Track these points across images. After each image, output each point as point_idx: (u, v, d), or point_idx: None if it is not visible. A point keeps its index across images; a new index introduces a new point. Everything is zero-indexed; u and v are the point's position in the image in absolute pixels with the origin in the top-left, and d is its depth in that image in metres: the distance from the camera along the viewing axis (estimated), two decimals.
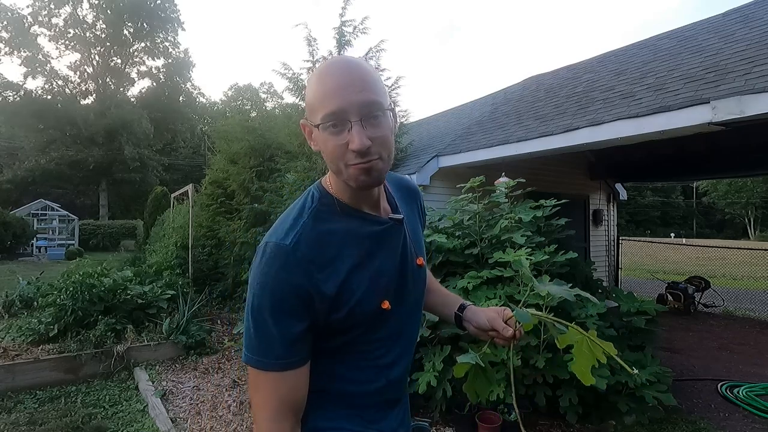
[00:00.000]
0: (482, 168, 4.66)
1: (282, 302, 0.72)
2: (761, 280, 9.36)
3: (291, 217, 0.80)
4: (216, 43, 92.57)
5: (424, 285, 0.96)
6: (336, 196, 0.82)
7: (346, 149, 0.72)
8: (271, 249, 0.75)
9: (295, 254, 0.74)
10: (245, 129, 7.29)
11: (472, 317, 1.01)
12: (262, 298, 0.73)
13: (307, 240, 0.76)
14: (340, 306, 0.76)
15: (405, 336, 0.90)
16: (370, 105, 0.71)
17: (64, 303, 4.29)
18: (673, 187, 50.84)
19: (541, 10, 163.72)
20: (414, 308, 0.93)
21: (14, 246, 15.99)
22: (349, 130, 0.71)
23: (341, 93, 0.71)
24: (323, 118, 0.72)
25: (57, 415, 3.12)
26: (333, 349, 0.82)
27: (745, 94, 2.84)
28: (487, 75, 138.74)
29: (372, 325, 0.82)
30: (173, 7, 30.91)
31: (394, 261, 0.85)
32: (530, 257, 2.86)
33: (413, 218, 0.98)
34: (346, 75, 0.72)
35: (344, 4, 6.06)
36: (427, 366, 2.82)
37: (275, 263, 0.73)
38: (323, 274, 0.75)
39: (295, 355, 0.75)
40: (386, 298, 0.81)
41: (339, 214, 0.81)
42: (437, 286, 1.17)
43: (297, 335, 0.74)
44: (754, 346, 5.34)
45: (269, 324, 0.73)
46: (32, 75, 27.74)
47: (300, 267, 0.73)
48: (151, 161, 29.14)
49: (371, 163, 0.73)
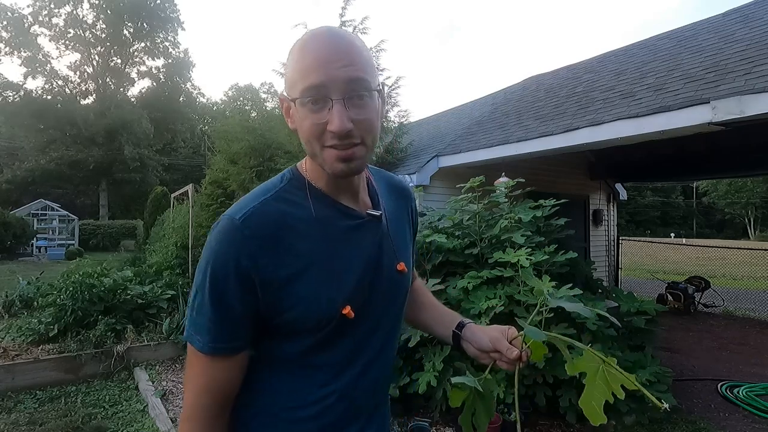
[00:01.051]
0: (482, 168, 4.66)
1: (221, 282, 0.66)
2: (761, 280, 9.36)
3: (254, 194, 0.72)
4: (216, 43, 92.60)
5: (404, 295, 0.85)
6: (309, 181, 0.74)
7: (324, 130, 0.64)
8: (222, 224, 0.68)
9: (242, 231, 0.66)
10: (245, 129, 7.29)
11: (472, 337, 0.87)
12: (204, 274, 0.67)
13: (261, 219, 0.68)
14: (292, 304, 0.68)
15: (372, 351, 0.78)
16: (355, 82, 0.64)
17: (64, 303, 4.29)
18: (673, 187, 50.85)
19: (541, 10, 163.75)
20: (388, 320, 0.81)
21: (14, 246, 15.99)
22: (330, 108, 0.63)
23: (324, 66, 0.63)
24: (302, 92, 0.64)
25: (57, 415, 3.12)
26: (282, 359, 0.73)
27: (745, 94, 2.84)
28: (487, 75, 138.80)
29: (331, 334, 0.71)
30: (173, 7, 30.92)
31: (365, 262, 0.75)
32: (530, 257, 2.86)
33: (400, 219, 0.88)
34: (331, 47, 0.64)
35: (344, 4, 6.06)
36: (427, 366, 2.82)
37: (222, 239, 0.67)
38: (273, 261, 0.67)
39: (229, 341, 0.68)
40: (349, 304, 0.71)
41: (307, 200, 0.72)
42: (431, 300, 1.04)
43: (232, 321, 0.67)
44: (754, 346, 5.34)
45: (206, 303, 0.67)
46: (32, 75, 27.75)
47: (246, 246, 0.65)
48: (151, 161, 29.14)
49: (351, 150, 0.65)
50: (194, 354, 0.70)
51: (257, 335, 0.72)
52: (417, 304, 1.02)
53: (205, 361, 0.69)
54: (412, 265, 0.91)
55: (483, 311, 2.83)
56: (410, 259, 0.88)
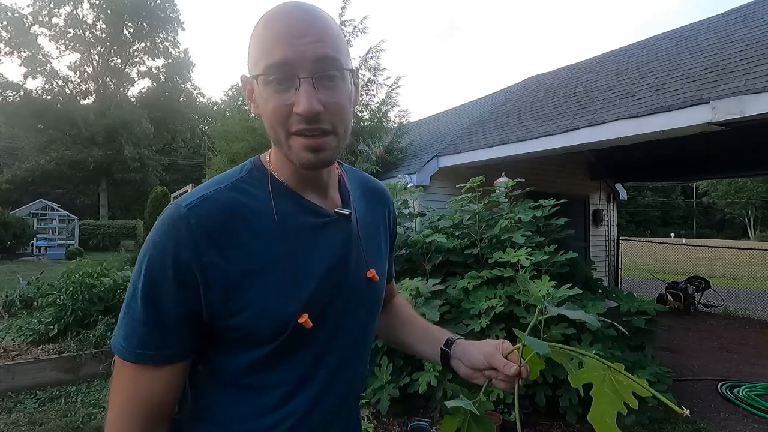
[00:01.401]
0: (482, 168, 4.66)
1: (156, 277, 0.57)
2: (761, 280, 9.35)
3: (208, 183, 0.64)
4: (216, 43, 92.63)
5: (375, 305, 0.77)
6: (272, 173, 0.66)
7: (289, 113, 0.57)
8: (166, 212, 0.60)
9: (187, 221, 0.57)
10: (245, 129, 7.29)
11: (463, 354, 0.76)
12: (139, 268, 0.58)
13: (211, 209, 0.59)
14: (240, 307, 0.59)
15: (335, 365, 0.68)
16: (324, 61, 0.57)
17: (64, 303, 4.29)
18: (673, 187, 50.87)
19: (541, 10, 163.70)
20: (355, 333, 0.72)
21: (14, 246, 15.99)
22: (297, 89, 0.56)
23: (290, 41, 0.56)
24: (265, 69, 0.57)
25: (57, 415, 3.12)
26: (230, 376, 0.64)
27: (745, 94, 2.84)
28: (487, 75, 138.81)
29: (286, 346, 0.62)
30: (173, 7, 30.91)
31: (328, 265, 0.66)
32: (530, 257, 2.87)
33: (374, 224, 0.79)
34: (298, 21, 0.57)
35: (344, 3, 6.07)
36: (428, 366, 2.82)
37: (163, 229, 0.58)
38: (220, 256, 0.58)
39: (158, 347, 0.58)
40: (307, 312, 0.62)
41: (267, 192, 0.64)
42: (414, 316, 0.93)
43: (165, 324, 0.58)
44: (754, 346, 5.34)
45: (138, 302, 0.58)
46: (32, 75, 27.75)
47: (189, 238, 0.57)
48: (151, 161, 29.14)
49: (321, 140, 0.59)
50: (119, 361, 0.60)
51: (201, 345, 0.63)
52: (397, 321, 0.93)
53: (130, 370, 0.59)
54: (386, 275, 0.83)
55: (483, 311, 2.84)
56: (384, 267, 0.80)
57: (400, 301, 0.98)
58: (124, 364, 0.60)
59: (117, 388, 0.61)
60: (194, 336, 0.61)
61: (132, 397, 0.60)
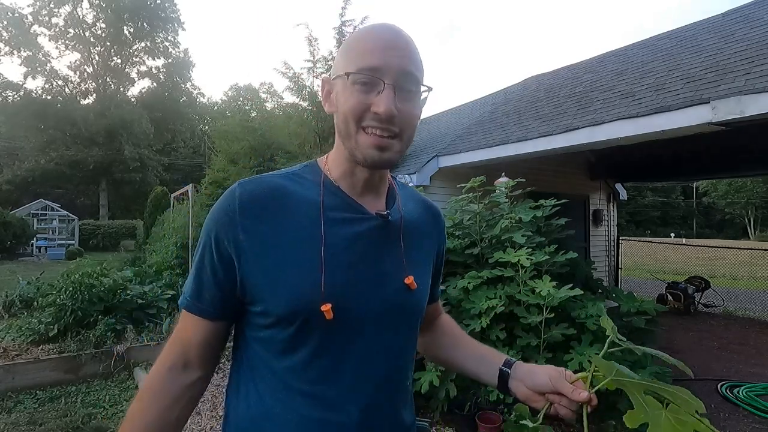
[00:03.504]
0: (482, 168, 4.66)
1: (205, 241, 0.67)
2: (761, 280, 9.36)
3: (271, 172, 0.73)
4: (216, 43, 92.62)
5: (412, 315, 0.75)
6: (327, 173, 0.72)
7: (366, 110, 0.64)
8: (228, 189, 0.69)
9: (233, 193, 0.66)
10: (245, 129, 7.30)
11: (526, 376, 0.74)
12: (201, 234, 0.69)
13: (257, 187, 0.67)
14: (265, 279, 0.64)
15: (355, 370, 0.67)
16: (408, 75, 0.65)
17: (64, 303, 4.29)
18: (673, 187, 50.85)
19: (541, 10, 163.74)
20: (386, 339, 0.70)
21: (14, 246, 15.99)
22: (380, 92, 0.63)
23: (383, 51, 0.64)
24: (358, 69, 0.64)
25: (57, 415, 3.12)
26: (256, 357, 0.69)
27: (745, 94, 2.84)
28: (487, 75, 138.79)
29: (303, 332, 0.64)
30: (173, 7, 30.92)
31: (360, 259, 0.68)
32: (530, 257, 2.87)
33: (422, 234, 0.81)
34: (392, 37, 0.66)
35: (344, 4, 6.07)
36: (429, 365, 2.82)
37: (220, 201, 0.68)
38: (254, 224, 0.65)
39: (201, 302, 0.68)
40: (330, 302, 0.63)
41: (317, 185, 0.70)
42: (463, 335, 0.93)
43: (204, 282, 0.67)
44: (754, 346, 5.34)
45: (195, 260, 0.69)
46: (32, 75, 27.75)
47: (231, 206, 0.65)
48: (151, 161, 29.14)
49: (388, 141, 0.65)
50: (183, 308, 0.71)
51: (235, 316, 0.71)
52: (448, 340, 0.92)
53: (184, 313, 0.70)
54: (430, 293, 0.82)
55: (483, 311, 2.84)
56: (426, 279, 0.80)
57: (447, 320, 0.98)
58: (183, 311, 0.70)
59: (178, 324, 0.72)
60: (225, 302, 0.68)
61: (179, 334, 0.71)
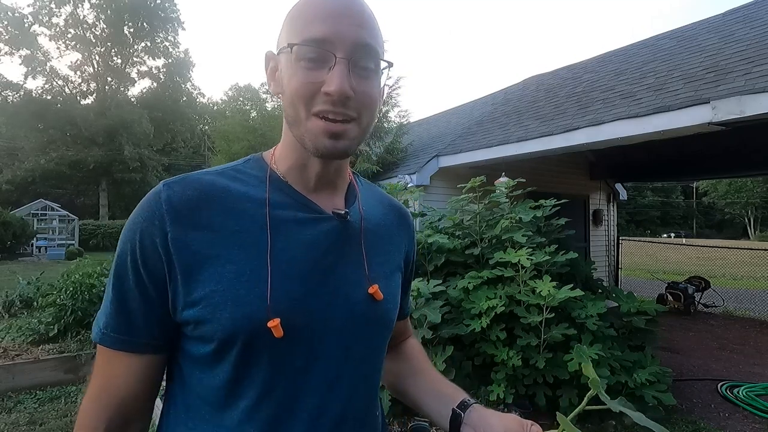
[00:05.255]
0: (482, 168, 4.66)
1: (124, 257, 0.54)
2: (761, 280, 9.36)
3: (203, 170, 0.62)
4: (216, 43, 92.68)
5: (377, 330, 0.63)
6: (273, 165, 0.62)
7: (317, 91, 0.53)
8: (149, 191, 0.57)
9: (158, 196, 0.54)
10: (246, 129, 7.31)
11: (480, 422, 0.63)
12: (117, 250, 0.56)
13: (186, 187, 0.55)
14: (201, 292, 0.52)
15: (317, 400, 0.56)
16: (364, 48, 0.54)
17: (64, 303, 4.29)
18: (673, 187, 50.88)
19: (541, 10, 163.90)
20: (348, 360, 0.59)
21: (14, 246, 15.98)
22: (330, 68, 0.52)
23: (332, 19, 0.53)
24: (303, 40, 0.52)
25: (57, 415, 3.12)
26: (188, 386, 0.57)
27: (745, 94, 2.84)
28: (487, 75, 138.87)
29: (244, 351, 0.53)
30: (173, 7, 30.92)
31: (315, 267, 0.57)
32: (531, 257, 2.87)
33: (386, 238, 0.69)
34: (343, 2, 0.54)
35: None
36: None
37: (138, 208, 0.55)
38: (185, 231, 0.53)
39: (126, 333, 0.54)
40: (279, 316, 0.52)
41: (261, 181, 0.60)
42: (427, 366, 0.80)
43: (132, 308, 0.54)
44: (754, 346, 5.34)
45: (111, 282, 0.55)
46: (32, 75, 27.74)
47: (157, 212, 0.53)
48: (151, 161, 29.14)
49: (343, 126, 0.54)
50: (97, 346, 0.57)
51: (170, 347, 0.58)
52: (407, 368, 0.79)
53: (103, 355, 0.56)
54: (399, 307, 0.70)
55: (483, 311, 2.84)
56: (394, 289, 0.68)
57: (413, 344, 0.85)
58: (100, 350, 0.57)
59: (93, 370, 0.58)
60: (162, 328, 0.55)
61: (105, 383, 0.56)
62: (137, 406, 0.57)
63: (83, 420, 0.56)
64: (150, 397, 0.59)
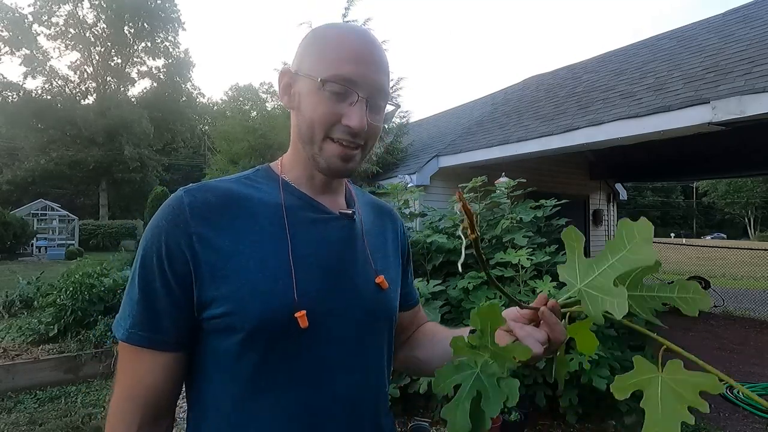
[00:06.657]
0: (482, 168, 4.66)
1: (150, 257, 0.58)
2: (761, 280, 9.36)
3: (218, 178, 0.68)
4: (216, 43, 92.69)
5: (386, 318, 0.70)
6: (283, 175, 0.69)
7: (337, 120, 0.62)
8: (169, 198, 0.62)
9: (181, 201, 0.59)
10: (246, 129, 7.31)
11: None
12: (138, 250, 0.60)
13: (207, 193, 0.61)
14: (229, 287, 0.57)
15: (338, 387, 0.61)
16: (381, 91, 0.64)
17: (64, 303, 4.29)
18: (673, 187, 50.85)
19: (541, 10, 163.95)
20: (359, 344, 0.64)
21: (14, 246, 15.98)
22: (352, 104, 0.61)
23: (362, 64, 0.62)
24: (333, 77, 0.60)
25: (57, 415, 3.12)
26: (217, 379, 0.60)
27: (745, 94, 2.84)
28: (487, 75, 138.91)
29: (271, 341, 0.57)
30: (173, 7, 30.92)
31: (332, 262, 0.64)
32: (531, 257, 2.87)
33: (381, 233, 0.78)
34: (370, 49, 0.64)
35: (348, 4, 6.07)
36: None
37: (160, 211, 0.60)
38: (210, 229, 0.58)
39: (153, 330, 0.57)
40: (304, 308, 0.57)
41: (275, 188, 0.67)
42: (442, 329, 0.86)
43: (159, 306, 0.57)
44: (754, 346, 5.34)
45: (135, 282, 0.59)
46: (32, 75, 27.74)
47: (181, 216, 0.58)
48: (151, 161, 29.13)
49: (353, 152, 0.64)
50: (120, 346, 0.60)
51: (192, 340, 0.60)
52: (427, 338, 0.84)
53: (129, 353, 0.59)
54: (406, 295, 0.81)
55: None
56: (395, 277, 0.76)
57: (431, 325, 0.89)
58: (124, 349, 0.60)
59: (119, 370, 0.61)
60: (186, 326, 0.59)
61: (134, 382, 0.59)
62: (165, 403, 0.61)
63: (116, 418, 0.59)
64: (176, 393, 0.62)
